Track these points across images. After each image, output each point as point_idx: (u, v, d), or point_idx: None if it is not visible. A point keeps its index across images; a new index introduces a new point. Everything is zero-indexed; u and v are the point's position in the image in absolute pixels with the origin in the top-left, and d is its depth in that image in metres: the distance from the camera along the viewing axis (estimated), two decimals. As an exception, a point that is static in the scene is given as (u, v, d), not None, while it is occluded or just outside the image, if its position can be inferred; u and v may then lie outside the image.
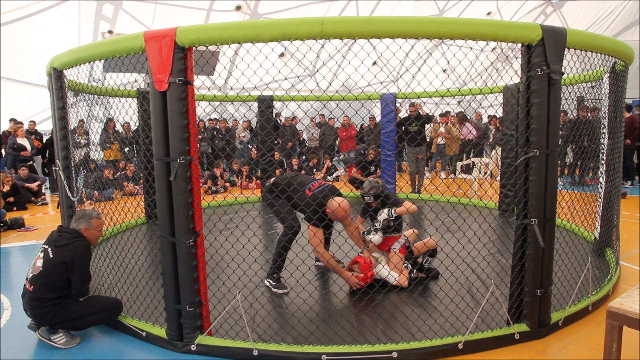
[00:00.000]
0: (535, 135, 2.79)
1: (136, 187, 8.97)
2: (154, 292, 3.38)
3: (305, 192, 3.76)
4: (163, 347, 2.97)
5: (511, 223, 5.03)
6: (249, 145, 11.78)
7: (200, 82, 10.65)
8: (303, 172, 11.22)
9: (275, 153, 10.29)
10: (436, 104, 14.83)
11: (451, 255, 3.64)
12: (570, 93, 4.17)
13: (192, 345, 2.89)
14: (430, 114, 9.69)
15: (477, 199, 7.88)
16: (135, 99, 6.01)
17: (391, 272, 3.76)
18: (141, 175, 6.85)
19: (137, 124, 6.41)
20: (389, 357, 2.73)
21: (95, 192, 8.31)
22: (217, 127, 11.85)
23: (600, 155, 4.05)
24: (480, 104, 8.98)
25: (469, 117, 11.64)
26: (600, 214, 4.14)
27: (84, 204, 4.31)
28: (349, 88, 15.55)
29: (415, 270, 3.90)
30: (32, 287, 2.97)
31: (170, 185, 2.76)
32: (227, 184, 10.26)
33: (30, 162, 9.72)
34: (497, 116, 9.46)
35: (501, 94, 6.60)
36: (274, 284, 3.82)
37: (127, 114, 4.25)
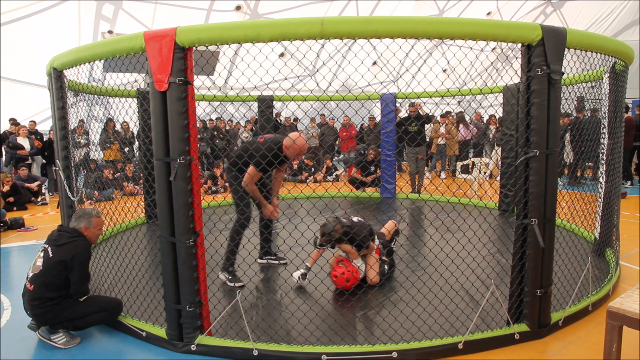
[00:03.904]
0: (535, 135, 2.79)
1: (136, 187, 8.97)
2: (154, 292, 3.38)
3: (258, 140, 3.82)
4: (163, 347, 2.97)
5: (511, 223, 5.03)
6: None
7: (200, 82, 10.65)
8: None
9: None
10: (436, 104, 14.83)
11: (451, 255, 3.64)
12: (570, 93, 4.17)
13: (192, 345, 2.88)
14: (430, 114, 9.69)
15: (477, 199, 7.88)
16: (135, 99, 6.01)
17: (365, 270, 3.88)
18: (141, 175, 6.85)
19: (137, 123, 6.41)
20: (389, 357, 2.73)
21: (95, 192, 8.31)
22: (218, 126, 11.85)
23: (600, 155, 4.05)
24: (480, 104, 8.98)
25: (467, 118, 11.65)
26: (600, 214, 4.14)
27: (84, 204, 4.31)
28: (349, 88, 15.55)
29: (384, 255, 4.04)
30: (32, 286, 2.97)
31: (170, 185, 2.76)
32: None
33: (30, 162, 9.71)
34: (497, 116, 9.47)
35: (501, 94, 6.60)
36: (230, 277, 3.85)
37: (127, 114, 4.25)
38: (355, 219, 3.97)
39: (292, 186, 10.45)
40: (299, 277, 3.83)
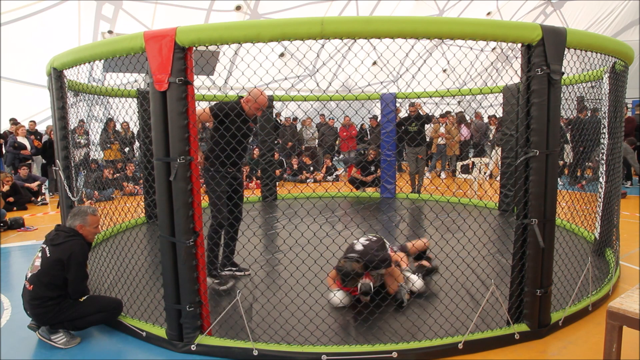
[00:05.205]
0: (535, 135, 2.79)
1: (136, 187, 8.97)
2: (154, 292, 3.38)
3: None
4: (163, 347, 2.97)
5: (511, 223, 5.03)
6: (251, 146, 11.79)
7: (200, 82, 10.65)
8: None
9: (275, 153, 10.29)
10: (436, 104, 14.84)
11: (451, 255, 3.64)
12: (570, 93, 4.16)
13: (192, 345, 2.89)
14: (430, 114, 9.70)
15: (477, 199, 7.88)
16: (135, 99, 6.01)
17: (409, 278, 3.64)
18: (141, 175, 6.85)
19: (137, 123, 6.41)
20: (389, 357, 2.73)
21: (95, 192, 8.31)
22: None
23: (600, 155, 4.05)
24: (480, 104, 8.98)
25: (467, 118, 11.65)
26: (600, 214, 4.14)
27: (84, 204, 4.31)
28: (349, 88, 15.55)
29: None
30: (31, 286, 2.97)
31: (170, 185, 2.76)
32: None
33: (30, 162, 9.71)
34: (497, 116, 9.48)
35: (501, 94, 6.60)
36: (217, 281, 3.84)
37: (127, 114, 4.25)
38: (360, 244, 3.64)
39: (292, 186, 10.45)
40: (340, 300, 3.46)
